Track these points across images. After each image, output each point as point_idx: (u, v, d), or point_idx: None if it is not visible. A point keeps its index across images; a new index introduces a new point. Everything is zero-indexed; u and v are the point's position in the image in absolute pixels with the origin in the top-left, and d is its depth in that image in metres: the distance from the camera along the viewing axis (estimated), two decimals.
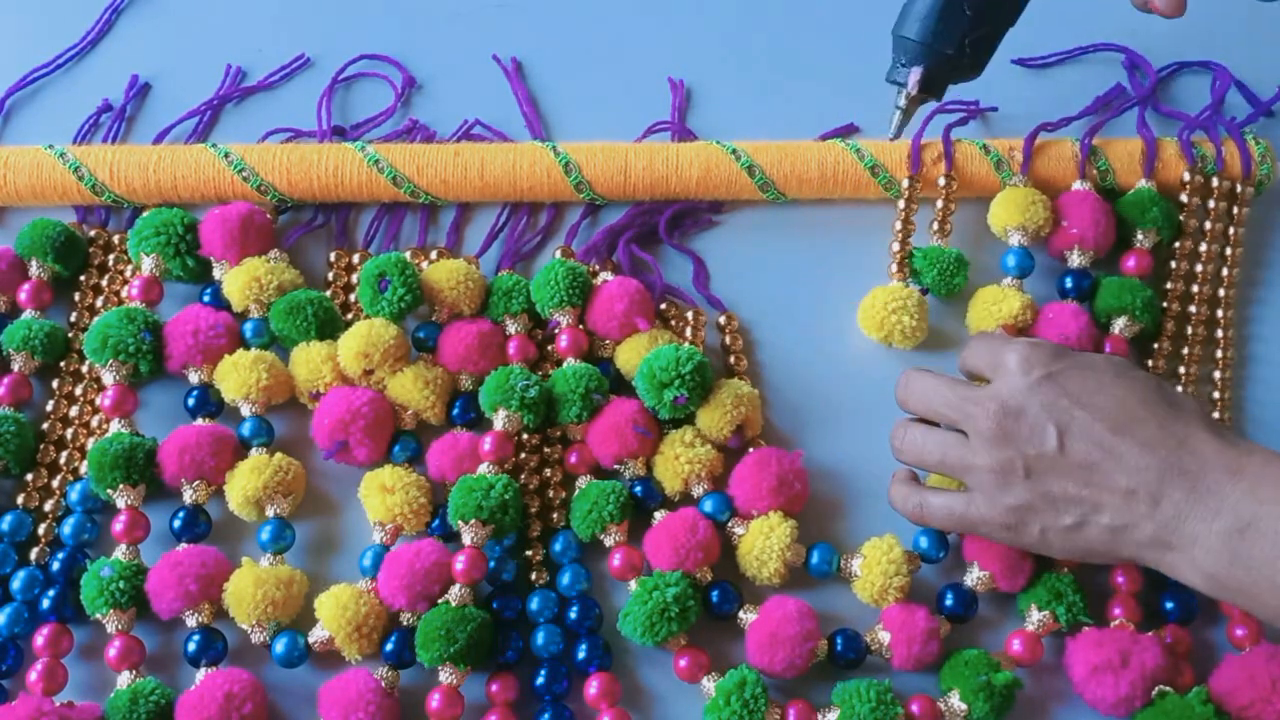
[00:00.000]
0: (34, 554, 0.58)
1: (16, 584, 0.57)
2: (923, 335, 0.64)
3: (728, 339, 0.65)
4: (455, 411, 0.62)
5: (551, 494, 0.61)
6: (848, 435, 0.63)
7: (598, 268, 0.65)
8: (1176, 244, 0.65)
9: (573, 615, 0.57)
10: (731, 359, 0.64)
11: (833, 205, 0.67)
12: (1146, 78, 0.70)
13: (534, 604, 0.57)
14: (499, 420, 0.60)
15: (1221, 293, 0.65)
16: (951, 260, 0.64)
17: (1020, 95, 0.70)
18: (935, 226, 0.66)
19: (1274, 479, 0.50)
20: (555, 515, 0.60)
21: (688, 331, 0.64)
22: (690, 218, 0.67)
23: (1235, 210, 0.66)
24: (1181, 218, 0.65)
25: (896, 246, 0.65)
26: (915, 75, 0.58)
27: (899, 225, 0.66)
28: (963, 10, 0.56)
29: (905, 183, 0.66)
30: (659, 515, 0.59)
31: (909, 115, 0.60)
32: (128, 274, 0.64)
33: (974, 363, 0.57)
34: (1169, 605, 0.59)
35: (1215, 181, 0.66)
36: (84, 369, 0.62)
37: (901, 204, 0.66)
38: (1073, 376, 0.54)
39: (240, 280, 0.62)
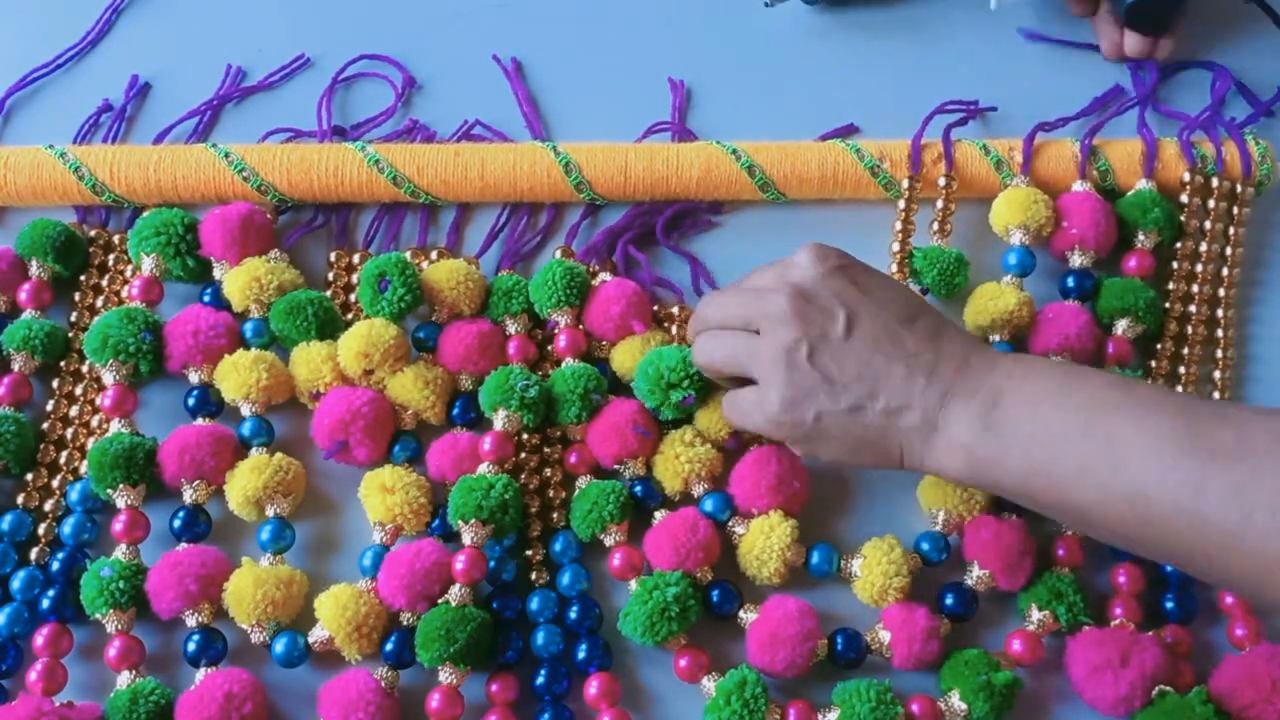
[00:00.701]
0: (34, 554, 0.58)
1: (16, 584, 0.57)
2: None
3: None
4: (455, 411, 0.62)
5: (551, 494, 0.61)
6: None
7: (597, 268, 0.65)
8: (1178, 244, 0.65)
9: (573, 615, 0.57)
10: None
11: (833, 205, 0.67)
12: (1147, 77, 0.70)
13: (534, 604, 0.57)
14: (499, 420, 0.60)
15: (1221, 293, 0.65)
16: (952, 260, 0.64)
17: (1020, 95, 0.70)
18: (935, 226, 0.66)
19: (1026, 367, 0.53)
20: (555, 515, 0.60)
21: (674, 329, 0.64)
22: (690, 218, 0.67)
23: (1235, 210, 0.66)
24: (1182, 218, 0.65)
25: (896, 246, 0.65)
26: None
27: (899, 225, 0.66)
28: None
29: (905, 183, 0.66)
30: (659, 515, 0.59)
31: None
32: (128, 274, 0.64)
33: (759, 277, 0.57)
34: (1169, 605, 0.59)
35: (1215, 182, 0.66)
36: (84, 369, 0.62)
37: (901, 204, 0.66)
38: (861, 272, 0.56)
39: (240, 280, 0.62)
